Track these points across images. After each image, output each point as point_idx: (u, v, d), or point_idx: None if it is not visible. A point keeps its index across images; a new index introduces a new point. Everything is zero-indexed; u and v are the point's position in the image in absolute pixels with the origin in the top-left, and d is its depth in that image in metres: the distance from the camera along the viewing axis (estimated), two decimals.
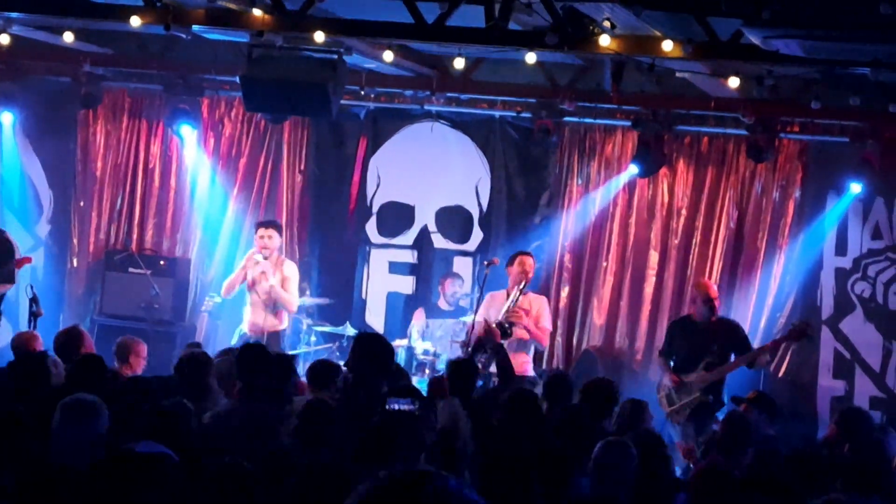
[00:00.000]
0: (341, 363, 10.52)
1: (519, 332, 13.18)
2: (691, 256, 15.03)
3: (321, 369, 10.11)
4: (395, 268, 15.97)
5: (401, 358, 13.72)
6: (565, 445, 8.10)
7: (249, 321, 13.96)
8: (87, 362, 9.52)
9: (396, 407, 8.03)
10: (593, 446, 7.73)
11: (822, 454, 9.41)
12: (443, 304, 14.82)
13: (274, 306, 13.90)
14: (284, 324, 14.17)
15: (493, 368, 12.37)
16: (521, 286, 13.29)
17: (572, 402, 10.08)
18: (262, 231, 14.13)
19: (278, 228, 14.36)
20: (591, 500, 7.17)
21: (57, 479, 6.48)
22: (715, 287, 13.88)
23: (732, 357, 13.25)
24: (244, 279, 13.99)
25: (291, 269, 14.15)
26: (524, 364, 13.24)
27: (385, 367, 9.43)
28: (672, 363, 13.45)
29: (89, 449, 7.08)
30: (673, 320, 14.33)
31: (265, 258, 13.88)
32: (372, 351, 9.37)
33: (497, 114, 15.54)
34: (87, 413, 7.34)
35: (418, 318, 14.69)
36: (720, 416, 12.19)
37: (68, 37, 14.20)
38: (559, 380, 10.91)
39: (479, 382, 11.15)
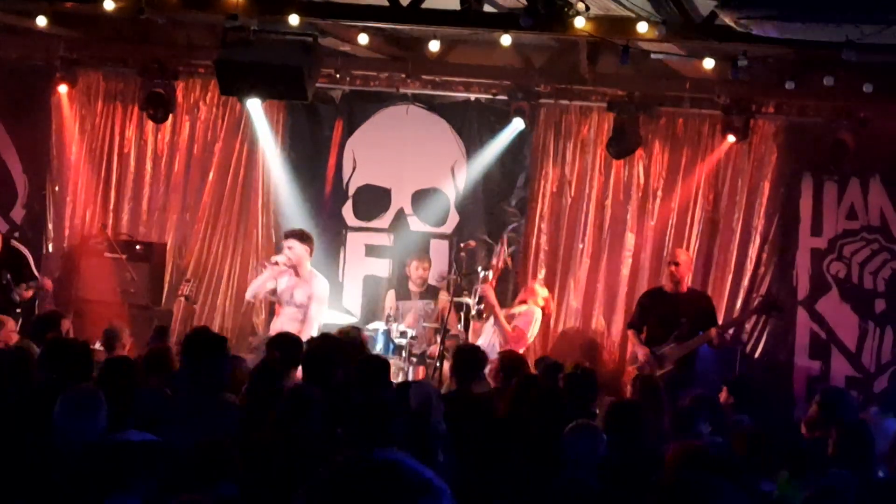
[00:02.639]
0: None
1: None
2: (667, 238, 15.05)
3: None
4: (371, 251, 15.96)
5: (378, 341, 13.70)
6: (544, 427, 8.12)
7: (273, 329, 13.54)
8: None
9: None
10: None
11: (805, 436, 9.46)
12: (412, 286, 14.80)
13: (302, 318, 13.51)
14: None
15: None
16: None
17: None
18: (284, 242, 13.74)
19: (300, 238, 13.62)
20: (561, 483, 7.18)
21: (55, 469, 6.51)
22: (682, 254, 13.95)
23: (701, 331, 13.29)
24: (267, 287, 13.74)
25: (320, 287, 13.54)
26: None
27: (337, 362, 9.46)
28: (643, 336, 13.49)
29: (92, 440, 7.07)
30: (644, 292, 14.38)
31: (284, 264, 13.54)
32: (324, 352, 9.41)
33: (472, 96, 15.52)
34: (88, 405, 7.32)
35: (389, 301, 14.68)
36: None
37: (42, 21, 14.14)
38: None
39: None
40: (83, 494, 6.18)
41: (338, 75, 15.35)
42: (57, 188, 16.46)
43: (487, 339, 13.83)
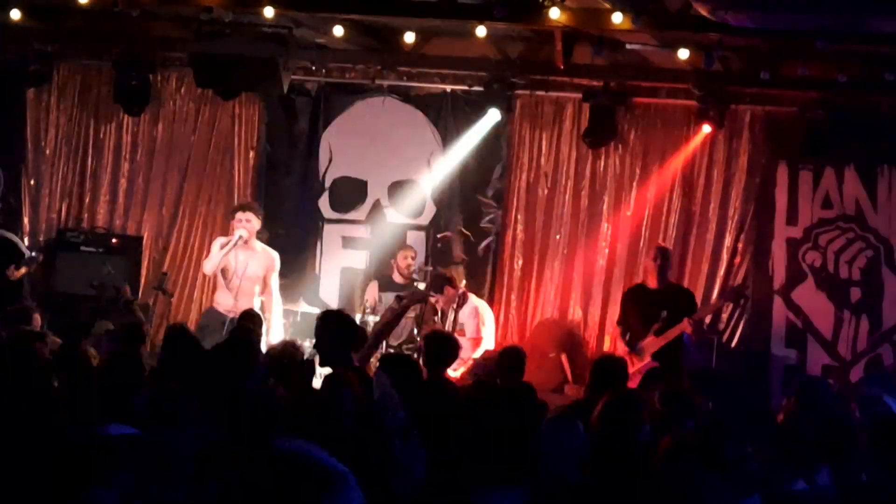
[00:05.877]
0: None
1: None
2: (643, 228, 15.07)
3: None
4: (348, 243, 15.96)
5: None
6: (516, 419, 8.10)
7: (222, 303, 13.67)
8: None
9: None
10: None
11: (783, 427, 9.46)
12: (397, 277, 14.80)
13: (248, 289, 13.56)
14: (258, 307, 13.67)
15: None
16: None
17: (523, 376, 10.07)
18: (238, 214, 13.84)
19: (257, 211, 13.71)
20: (539, 477, 7.16)
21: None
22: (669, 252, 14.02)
23: None
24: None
25: (276, 258, 13.71)
26: None
27: (352, 340, 9.49)
28: (629, 332, 13.52)
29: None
30: (627, 289, 14.39)
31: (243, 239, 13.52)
32: (336, 328, 9.42)
33: (449, 88, 15.52)
34: None
35: (371, 292, 14.69)
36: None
37: (16, 14, 14.09)
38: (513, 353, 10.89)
39: None
40: (59, 490, 6.13)
41: (313, 67, 15.35)
42: (32, 182, 16.40)
43: None
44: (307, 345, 13.66)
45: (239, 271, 13.49)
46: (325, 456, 2.95)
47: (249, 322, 11.79)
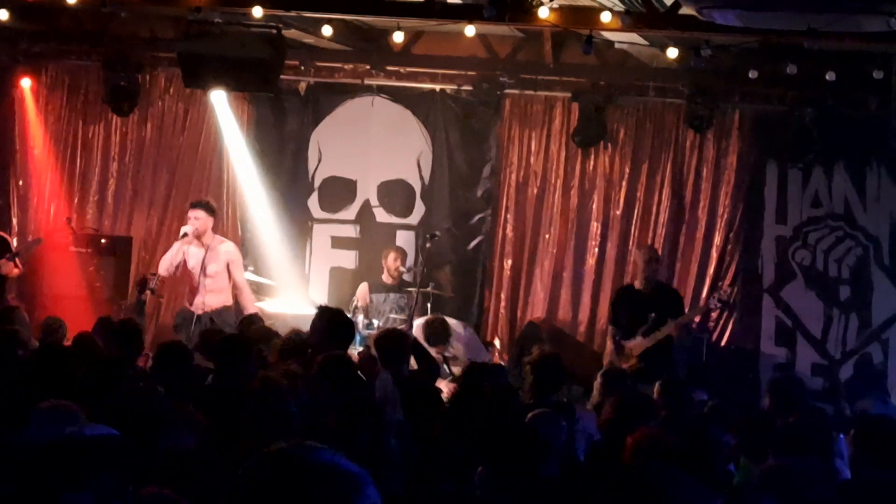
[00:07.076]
0: None
1: None
2: (633, 227, 15.08)
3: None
4: (337, 242, 15.94)
5: None
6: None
7: (191, 301, 13.75)
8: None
9: None
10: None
11: (765, 424, 9.47)
12: (386, 278, 14.80)
13: (214, 286, 13.65)
14: (230, 300, 13.87)
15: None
16: None
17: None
18: (189, 212, 13.91)
19: (206, 209, 13.75)
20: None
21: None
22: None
23: None
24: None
25: (234, 251, 13.82)
26: None
27: (345, 339, 9.51)
28: (619, 331, 13.54)
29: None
30: (616, 290, 14.40)
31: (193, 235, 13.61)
32: (333, 324, 9.45)
33: (438, 87, 15.52)
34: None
35: (362, 293, 14.67)
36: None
37: (3, 14, 14.07)
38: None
39: None
40: (33, 494, 6.04)
41: (302, 67, 15.34)
42: (21, 182, 16.39)
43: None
44: None
45: (198, 269, 13.54)
46: (339, 458, 2.92)
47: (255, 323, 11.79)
